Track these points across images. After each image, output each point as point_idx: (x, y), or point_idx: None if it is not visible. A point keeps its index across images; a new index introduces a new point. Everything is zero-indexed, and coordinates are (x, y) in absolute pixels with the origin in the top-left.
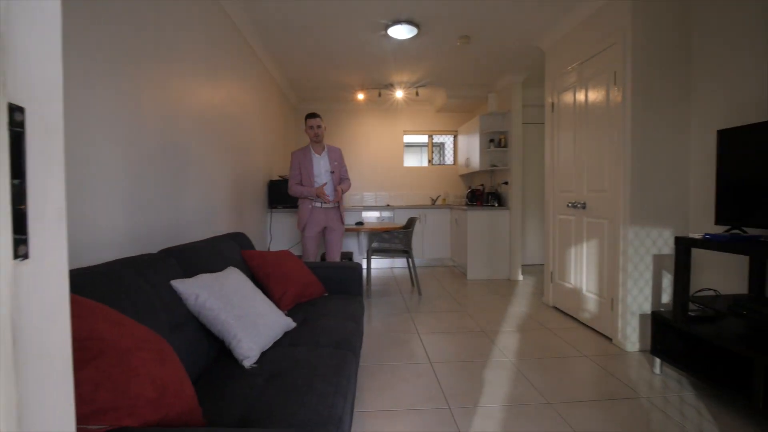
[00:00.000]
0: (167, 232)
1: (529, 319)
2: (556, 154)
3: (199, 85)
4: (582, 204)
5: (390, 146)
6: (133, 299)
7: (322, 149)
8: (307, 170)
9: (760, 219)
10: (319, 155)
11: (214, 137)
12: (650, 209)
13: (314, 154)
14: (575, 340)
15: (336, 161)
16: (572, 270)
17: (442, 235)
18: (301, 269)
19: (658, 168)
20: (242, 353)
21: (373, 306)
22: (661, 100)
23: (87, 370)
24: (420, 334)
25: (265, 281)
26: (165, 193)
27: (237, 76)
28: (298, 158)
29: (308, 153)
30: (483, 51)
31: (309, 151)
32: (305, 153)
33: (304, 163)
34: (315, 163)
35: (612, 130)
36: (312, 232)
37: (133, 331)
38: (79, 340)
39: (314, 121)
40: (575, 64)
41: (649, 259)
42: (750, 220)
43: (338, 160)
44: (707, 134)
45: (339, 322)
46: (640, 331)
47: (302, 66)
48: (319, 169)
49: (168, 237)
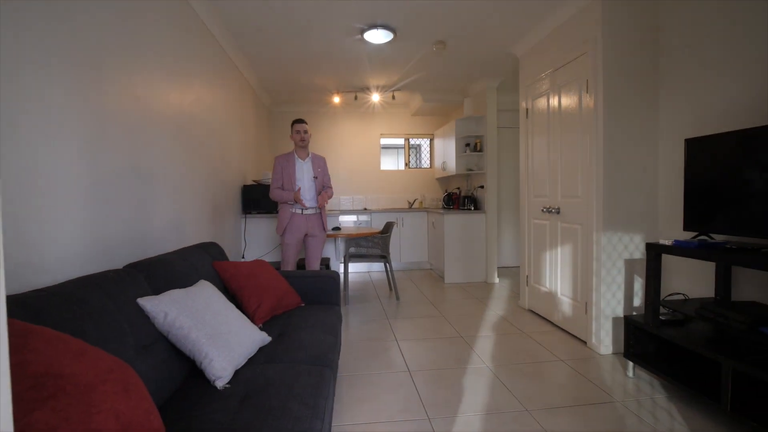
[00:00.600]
0: (134, 244)
1: (505, 323)
2: (530, 160)
3: (169, 88)
4: (556, 209)
5: (367, 149)
6: (97, 322)
7: (307, 155)
8: (289, 175)
9: (725, 225)
10: (303, 160)
11: (185, 142)
12: (621, 215)
13: (298, 159)
14: (551, 344)
15: (320, 168)
16: (547, 274)
17: (420, 239)
18: (277, 280)
19: (628, 174)
20: (214, 373)
21: (350, 313)
22: (631, 108)
23: (42, 412)
24: (398, 341)
25: (239, 294)
26: (131, 203)
27: (209, 79)
28: (281, 163)
29: (292, 158)
30: (458, 56)
31: (293, 156)
32: (289, 158)
33: (287, 167)
34: (298, 167)
35: (584, 137)
36: (292, 239)
37: (96, 362)
38: (33, 377)
39: (301, 126)
40: (548, 71)
41: (621, 263)
42: (716, 226)
43: (322, 168)
44: (674, 142)
45: (316, 336)
46: (613, 334)
47: (277, 69)
48: (302, 174)
49: (135, 250)
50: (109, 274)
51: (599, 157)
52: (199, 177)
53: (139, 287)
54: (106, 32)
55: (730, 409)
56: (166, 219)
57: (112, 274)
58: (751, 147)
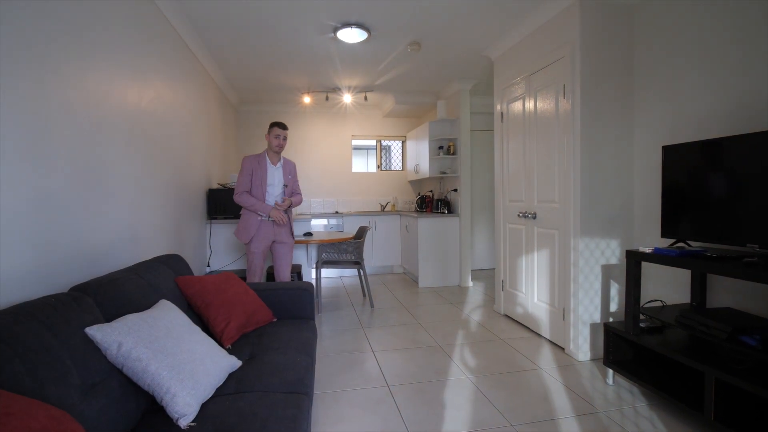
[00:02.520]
0: (84, 260)
1: (482, 329)
2: (505, 164)
3: (125, 85)
4: (533, 214)
5: (338, 151)
6: (32, 362)
7: (279, 160)
8: (260, 179)
9: (703, 233)
10: (275, 165)
11: (142, 143)
12: (599, 220)
13: (270, 163)
14: (529, 351)
15: (290, 175)
16: (523, 279)
17: (393, 242)
18: (246, 294)
19: (605, 180)
20: (178, 411)
21: (323, 322)
22: (608, 114)
23: None
24: (375, 353)
25: (205, 312)
26: (79, 213)
27: (171, 76)
28: (252, 164)
29: (264, 161)
30: (433, 58)
31: (265, 159)
32: (260, 160)
33: (258, 170)
34: (270, 172)
35: (561, 142)
36: (259, 247)
37: (25, 421)
38: None
39: (282, 132)
40: (524, 75)
41: (598, 269)
42: (694, 233)
43: (292, 174)
44: (651, 147)
45: (290, 357)
46: (591, 340)
47: (244, 67)
48: (273, 179)
49: (85, 267)
50: (50, 300)
51: (576, 163)
52: (159, 181)
53: (88, 314)
54: (49, 22)
55: (714, 418)
56: (121, 229)
57: (52, 300)
58: (727, 155)
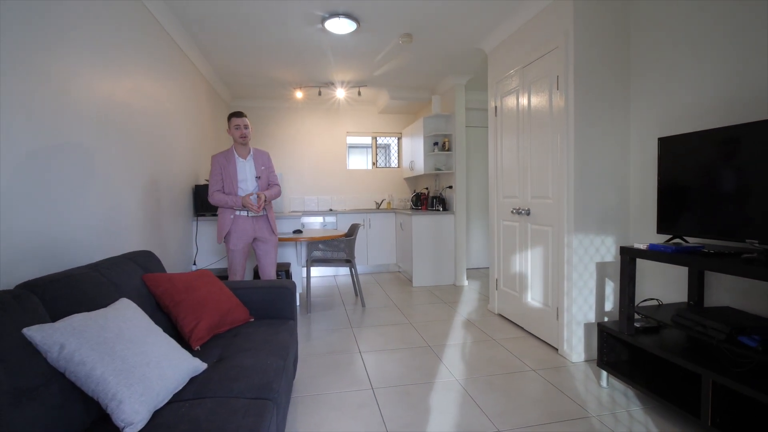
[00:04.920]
0: (43, 255)
1: (475, 329)
2: (500, 159)
3: (101, 78)
4: (526, 210)
5: (332, 148)
6: None
7: (248, 153)
8: (230, 176)
9: (699, 228)
10: (244, 159)
11: (118, 134)
12: (593, 216)
13: (238, 157)
14: (521, 351)
15: (264, 166)
16: (517, 277)
17: (387, 240)
18: (221, 292)
19: (600, 174)
20: (124, 419)
21: (312, 321)
22: (602, 106)
23: None
24: (362, 354)
25: (174, 312)
26: (36, 203)
27: (152, 68)
28: (220, 163)
29: (231, 157)
30: (426, 51)
31: (232, 154)
32: (228, 157)
33: (228, 168)
34: (240, 167)
35: (555, 136)
36: (238, 244)
37: None
38: None
39: (240, 121)
40: (518, 67)
41: (592, 267)
42: (690, 229)
43: (266, 165)
44: (645, 140)
45: (261, 359)
46: (585, 340)
47: (233, 60)
48: (245, 175)
49: (43, 263)
50: None
51: (570, 157)
52: (137, 174)
53: (30, 314)
54: None
55: (711, 423)
56: (92, 224)
57: None
58: (726, 146)
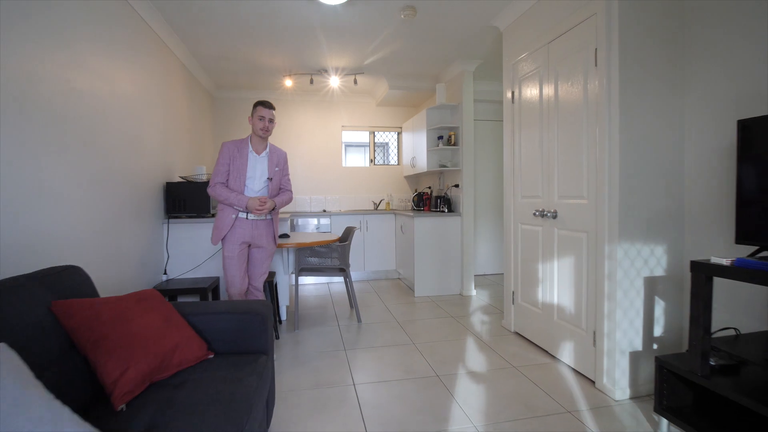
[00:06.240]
0: None
1: (490, 352)
2: (517, 153)
3: (22, 44)
4: (552, 213)
5: (327, 143)
6: None
7: (264, 149)
8: (239, 170)
9: None
10: (258, 155)
11: (54, 123)
12: (640, 221)
13: (252, 151)
14: (550, 384)
15: (278, 167)
16: (540, 291)
17: (387, 244)
18: (167, 322)
19: (650, 170)
20: None
21: (300, 341)
22: (654, 86)
23: None
24: (356, 387)
25: (92, 353)
26: None
27: (113, 48)
28: (230, 152)
29: (245, 148)
30: (431, 29)
31: (247, 146)
32: (241, 148)
33: (238, 160)
34: (251, 163)
35: (592, 123)
36: (234, 249)
37: None
38: None
39: (267, 112)
40: (541, 44)
41: (639, 282)
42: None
43: (281, 166)
44: (708, 125)
45: (210, 426)
46: (631, 373)
47: (212, 42)
48: (255, 172)
49: None
50: None
51: (613, 148)
52: (82, 170)
53: None
54: None
55: None
56: (11, 233)
57: None
58: None
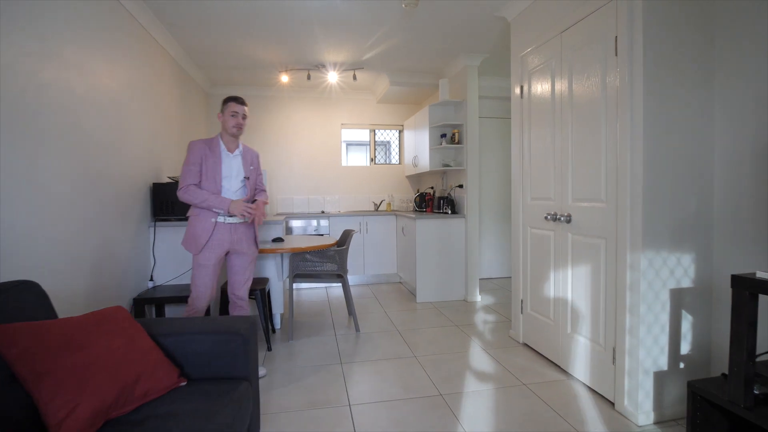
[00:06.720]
0: None
1: (498, 367)
2: (526, 151)
3: None
4: (566, 216)
5: (326, 142)
6: None
7: (237, 147)
8: (213, 170)
9: None
10: (231, 153)
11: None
12: (666, 227)
13: (225, 150)
14: (564, 405)
15: (252, 166)
16: (552, 301)
17: (388, 247)
18: (130, 347)
19: (678, 171)
20: None
21: (294, 353)
22: (682, 78)
23: None
24: (352, 407)
25: (36, 389)
26: None
27: (90, 43)
28: (201, 151)
29: (217, 147)
30: (434, 20)
31: (218, 144)
32: (213, 146)
33: (211, 159)
34: (225, 162)
35: (611, 118)
36: (212, 258)
37: None
38: None
39: (240, 108)
40: (553, 34)
41: (665, 295)
42: None
43: (255, 165)
44: (740, 122)
45: None
46: (655, 396)
47: (204, 35)
48: (230, 171)
49: None
50: None
51: (636, 147)
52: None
53: None
54: None
55: None
56: None
57: None
58: None
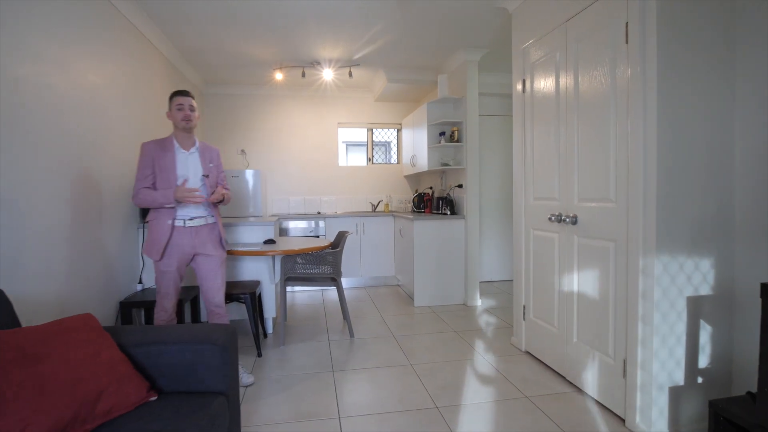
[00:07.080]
0: None
1: (499, 377)
2: (529, 148)
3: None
4: (571, 218)
5: (322, 141)
6: None
7: (192, 144)
8: (166, 169)
9: None
10: (186, 151)
11: None
12: (683, 229)
13: (179, 147)
14: (571, 421)
15: (212, 163)
16: (556, 307)
17: (385, 249)
18: (93, 359)
19: (694, 169)
20: None
21: (285, 360)
22: (699, 67)
23: None
24: (341, 420)
25: None
26: None
27: (71, 38)
28: (151, 152)
29: (170, 146)
30: (431, 14)
31: (172, 143)
32: (165, 145)
33: (163, 159)
34: (180, 160)
35: (621, 111)
36: (172, 264)
37: None
38: None
39: (185, 99)
40: (558, 24)
41: (681, 303)
42: None
43: (215, 162)
44: (763, 116)
45: None
46: (670, 412)
47: (197, 33)
48: (186, 170)
49: None
50: None
51: (650, 143)
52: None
53: None
54: None
55: None
56: None
57: None
58: None
